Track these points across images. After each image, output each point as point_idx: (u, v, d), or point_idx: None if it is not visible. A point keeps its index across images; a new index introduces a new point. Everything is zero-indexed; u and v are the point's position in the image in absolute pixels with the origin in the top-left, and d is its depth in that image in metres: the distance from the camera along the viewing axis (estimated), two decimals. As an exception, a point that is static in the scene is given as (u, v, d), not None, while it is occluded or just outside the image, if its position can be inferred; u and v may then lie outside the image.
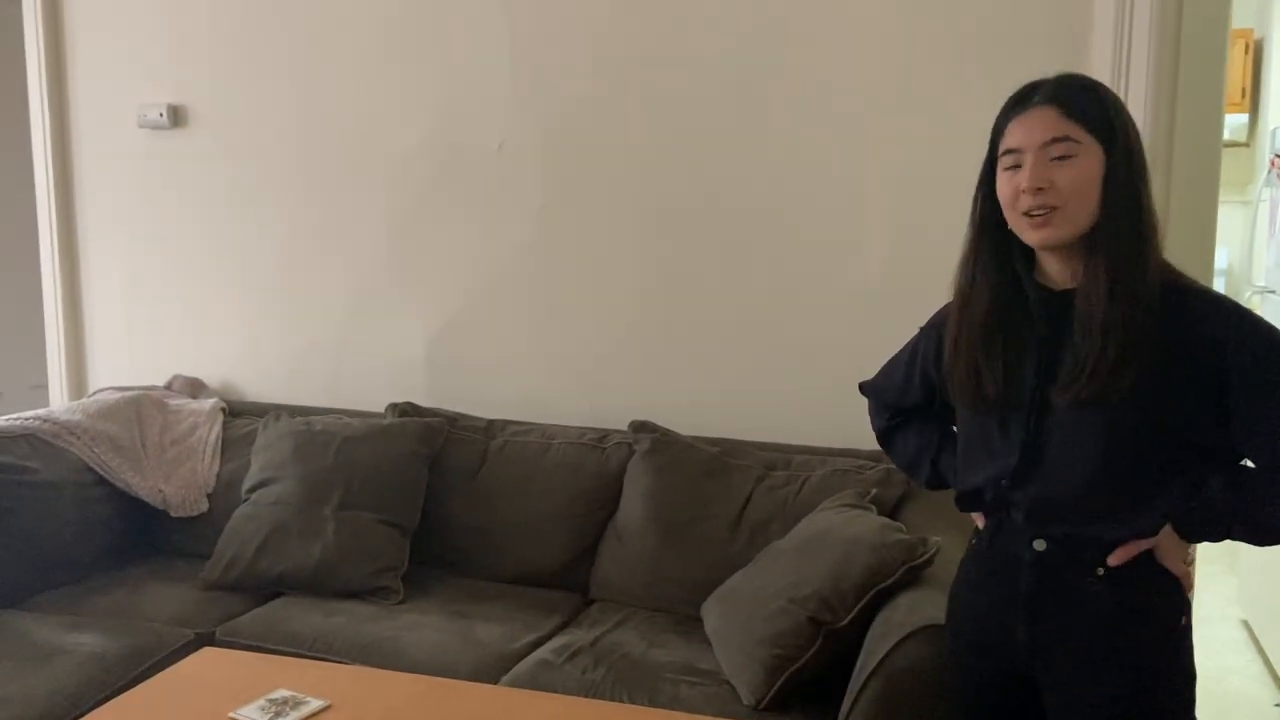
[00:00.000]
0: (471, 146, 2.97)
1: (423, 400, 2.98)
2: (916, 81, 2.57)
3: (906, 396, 1.70)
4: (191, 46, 3.19)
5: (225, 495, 2.86)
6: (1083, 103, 1.36)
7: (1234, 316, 1.37)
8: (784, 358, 2.76)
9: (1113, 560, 1.39)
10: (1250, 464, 1.40)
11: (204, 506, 2.88)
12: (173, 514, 2.86)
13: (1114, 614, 1.40)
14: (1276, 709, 3.00)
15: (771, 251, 2.74)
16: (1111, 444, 1.37)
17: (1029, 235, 1.40)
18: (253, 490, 2.76)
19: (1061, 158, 1.35)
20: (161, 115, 3.20)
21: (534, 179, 2.93)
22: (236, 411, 3.08)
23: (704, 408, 2.79)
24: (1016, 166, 1.38)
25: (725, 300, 2.80)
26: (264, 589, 2.61)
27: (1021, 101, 1.40)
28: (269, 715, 1.66)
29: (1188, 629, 1.43)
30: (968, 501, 1.55)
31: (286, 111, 3.13)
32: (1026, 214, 1.37)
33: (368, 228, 3.10)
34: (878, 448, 2.56)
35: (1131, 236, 1.35)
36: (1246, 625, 3.52)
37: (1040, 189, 1.35)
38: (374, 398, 3.01)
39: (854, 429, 2.63)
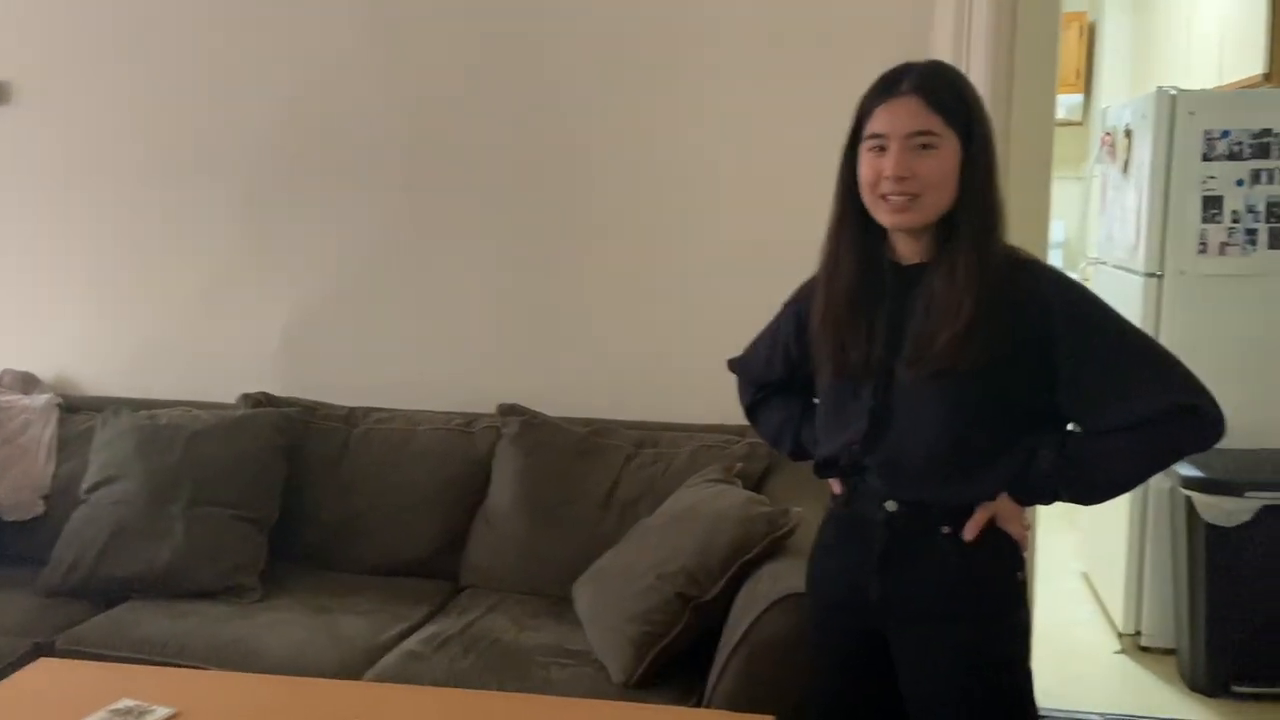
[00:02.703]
0: (328, 127, 2.86)
1: (279, 390, 2.87)
2: (765, 61, 2.61)
3: (770, 372, 1.74)
4: (16, 16, 2.97)
5: (63, 497, 2.69)
6: (946, 96, 1.43)
7: (1062, 289, 1.45)
8: (651, 336, 2.77)
9: (968, 535, 1.47)
10: (1076, 428, 1.50)
11: (39, 509, 2.71)
12: (5, 518, 2.69)
13: (957, 571, 1.49)
14: (1116, 656, 3.21)
15: (635, 232, 2.75)
16: (953, 414, 1.45)
17: (884, 217, 1.46)
18: (92, 490, 2.61)
19: (924, 148, 1.41)
20: (-18, 90, 2.98)
21: (394, 160, 2.85)
22: (73, 407, 2.90)
23: (572, 388, 2.78)
24: (881, 149, 1.43)
25: (591, 281, 2.79)
26: (108, 594, 2.47)
27: (888, 89, 1.44)
28: (113, 727, 1.57)
29: (1023, 584, 1.53)
30: (825, 468, 1.61)
31: (127, 88, 2.96)
32: (884, 197, 1.44)
33: (218, 210, 2.96)
34: (743, 423, 2.61)
35: (983, 223, 1.43)
36: (1086, 578, 3.75)
37: (903, 177, 1.41)
38: (226, 389, 2.87)
39: (720, 405, 2.66)
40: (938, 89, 1.43)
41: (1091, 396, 1.44)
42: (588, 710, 1.64)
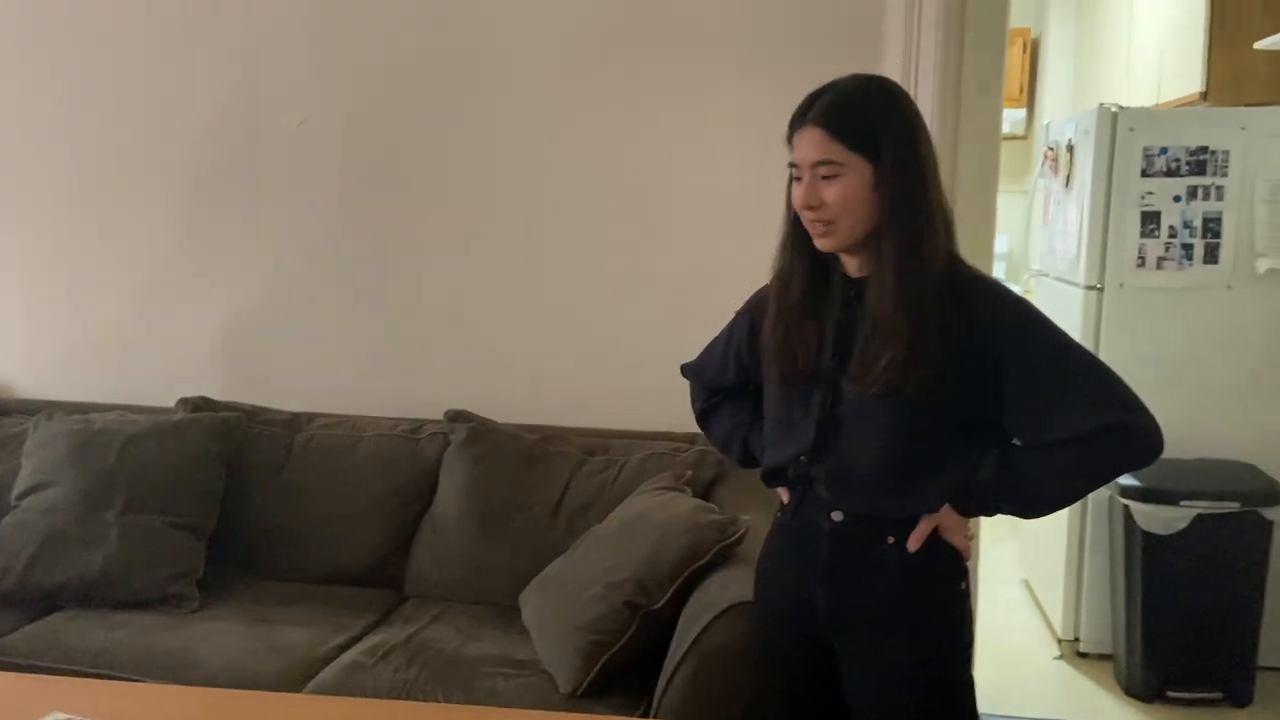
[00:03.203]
0: (269, 123, 2.82)
1: (219, 394, 2.81)
2: (718, 75, 2.62)
3: (723, 377, 1.75)
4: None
5: (-9, 504, 2.60)
6: (847, 123, 1.42)
7: (1005, 305, 1.47)
8: (601, 343, 2.76)
9: (911, 545, 1.49)
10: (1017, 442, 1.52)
11: (-34, 517, 2.61)
12: (-72, 526, 2.59)
13: (901, 582, 1.50)
14: (1055, 662, 3.26)
15: (585, 239, 2.74)
16: (898, 430, 1.47)
17: (815, 241, 1.49)
18: (23, 496, 2.53)
19: (828, 177, 1.43)
20: (-95, 82, 2.88)
21: (338, 158, 2.81)
22: (4, 410, 2.82)
23: (522, 395, 2.76)
24: (798, 179, 1.47)
25: (541, 286, 2.77)
26: (38, 603, 2.39)
27: (796, 119, 1.47)
28: (41, 743, 1.52)
29: (967, 594, 1.55)
30: (772, 477, 1.62)
31: (60, 86, 2.88)
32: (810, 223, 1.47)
33: (156, 210, 2.89)
34: (693, 430, 2.61)
35: (906, 240, 1.42)
36: (1027, 585, 3.81)
37: (812, 206, 1.44)
38: (164, 393, 2.80)
39: (670, 413, 2.66)
40: (841, 116, 1.42)
41: (1031, 413, 1.45)
42: (534, 721, 1.62)
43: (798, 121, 1.46)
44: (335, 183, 2.82)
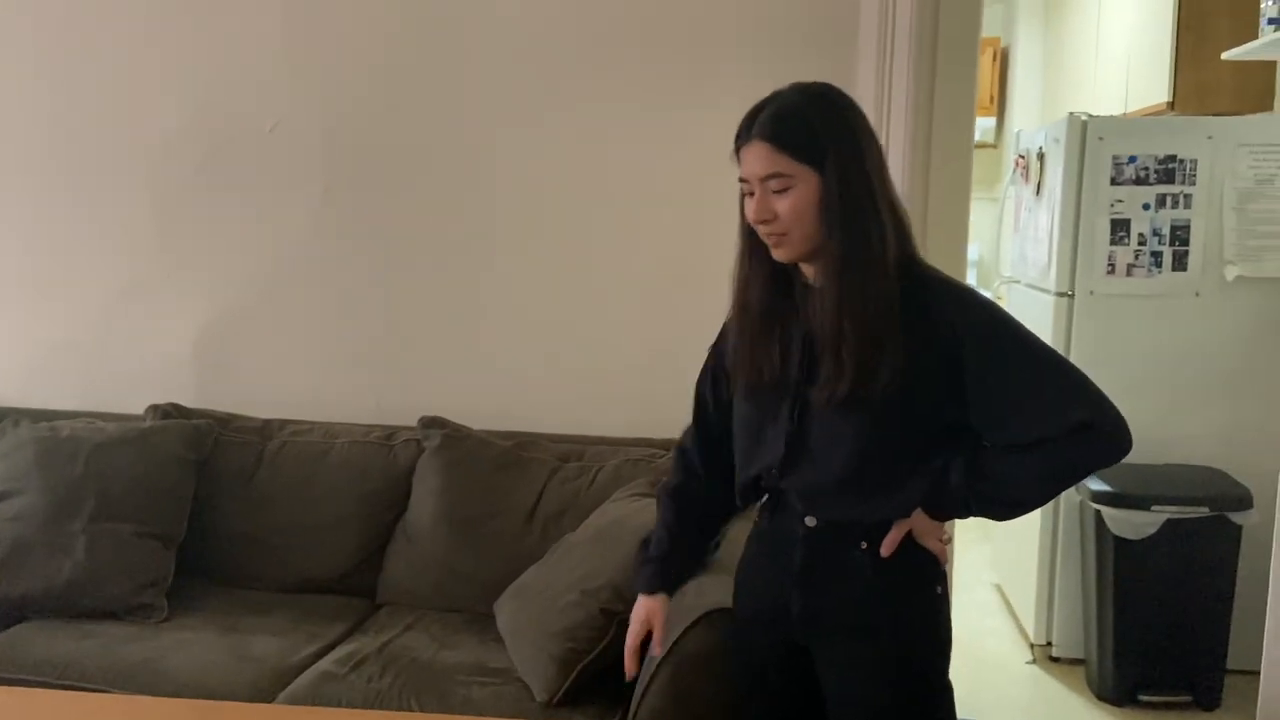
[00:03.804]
0: (242, 127, 2.79)
1: (190, 401, 2.78)
2: (694, 79, 2.61)
3: (710, 421, 1.70)
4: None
5: (-46, 512, 2.55)
6: (791, 134, 1.41)
7: (965, 303, 1.46)
8: (575, 349, 2.75)
9: (884, 551, 1.48)
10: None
11: (-72, 526, 2.56)
12: (-111, 536, 2.53)
13: (875, 586, 1.50)
14: (1027, 666, 3.28)
15: (560, 245, 2.73)
16: (865, 438, 1.46)
17: (772, 253, 1.48)
18: (-12, 505, 2.48)
19: (779, 191, 1.42)
20: None
21: (311, 163, 2.78)
22: (-33, 418, 2.76)
23: (496, 401, 2.75)
24: (750, 194, 1.46)
25: (515, 292, 2.76)
26: (3, 614, 2.35)
27: (743, 132, 1.46)
28: (5, 757, 1.49)
29: (943, 598, 1.55)
30: (747, 493, 1.61)
31: (31, 89, 2.84)
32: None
33: (127, 214, 2.85)
34: (668, 435, 2.62)
35: (849, 248, 1.41)
36: (999, 589, 3.83)
37: (765, 220, 1.44)
38: (133, 399, 2.77)
39: (645, 418, 2.67)
40: (784, 127, 1.41)
41: (995, 413, 1.45)
42: (510, 730, 1.61)
43: (743, 136, 1.45)
44: (308, 188, 2.79)
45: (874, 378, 1.40)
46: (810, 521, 1.52)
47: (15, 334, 2.91)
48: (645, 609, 1.70)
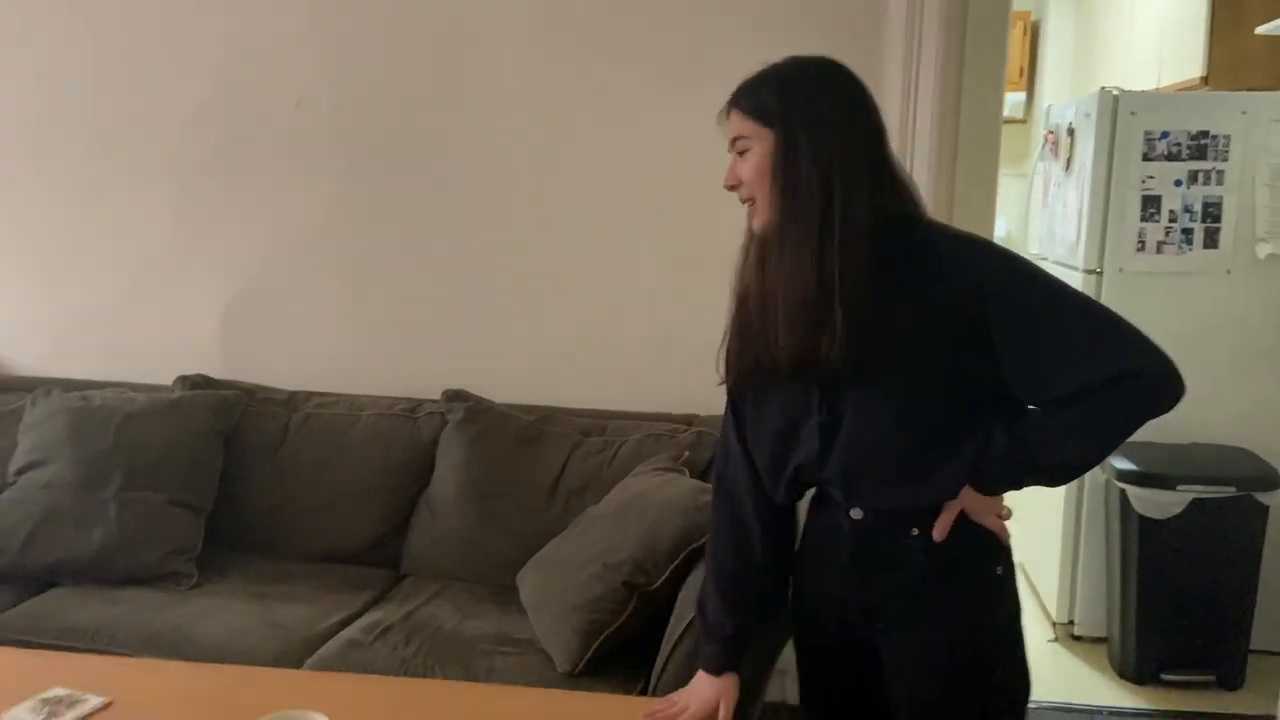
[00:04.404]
0: (267, 102, 2.80)
1: (217, 372, 2.81)
2: (714, 58, 2.56)
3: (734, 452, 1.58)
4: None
5: (-12, 481, 2.60)
6: (753, 98, 1.40)
7: (982, 255, 1.39)
8: (599, 324, 2.76)
9: (937, 535, 1.40)
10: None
11: (-37, 493, 2.61)
12: (-75, 502, 2.58)
13: (929, 571, 1.43)
14: (1049, 644, 3.27)
15: (584, 219, 2.73)
16: (897, 418, 1.39)
17: (751, 223, 1.45)
18: (21, 473, 2.53)
19: (742, 153, 1.42)
20: (-100, 56, 2.85)
21: (336, 137, 2.79)
22: (1, 387, 2.80)
23: (519, 375, 2.76)
24: None
25: (538, 266, 2.76)
26: (36, 580, 2.39)
27: (726, 106, 1.46)
28: (41, 716, 1.52)
29: (1005, 577, 1.47)
30: (790, 490, 1.52)
31: (63, 62, 2.86)
32: None
33: (154, 185, 2.87)
34: (691, 411, 2.64)
35: (790, 209, 1.36)
36: (1021, 568, 3.80)
37: (732, 186, 1.44)
38: (161, 370, 2.80)
39: (667, 394, 2.67)
40: (749, 92, 1.41)
41: (1028, 370, 1.35)
42: (533, 698, 1.63)
43: (725, 108, 1.45)
44: (333, 162, 2.80)
45: (814, 346, 1.34)
46: (856, 514, 1.45)
47: (47, 306, 2.95)
48: (715, 690, 1.56)
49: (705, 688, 1.57)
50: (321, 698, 1.54)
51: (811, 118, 1.37)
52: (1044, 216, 3.77)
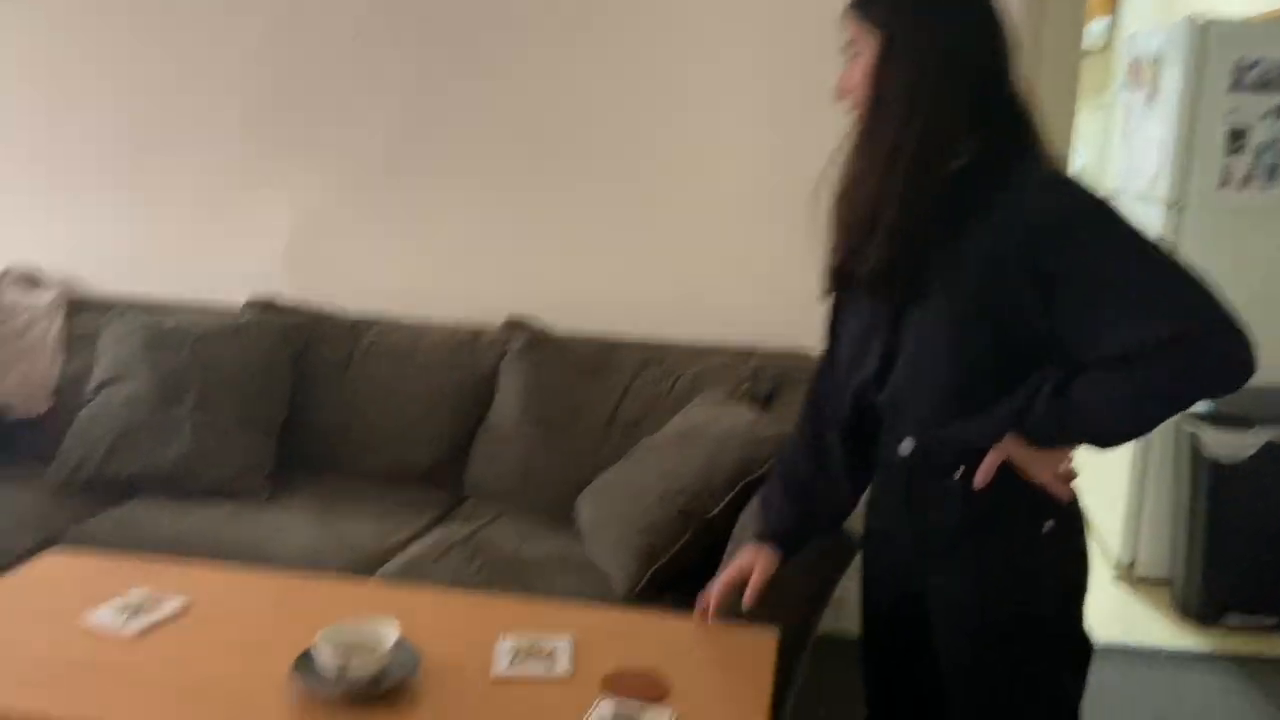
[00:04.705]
0: (328, 31, 2.79)
1: (283, 294, 2.85)
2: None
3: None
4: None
5: (69, 395, 2.70)
6: (867, 1, 1.35)
7: (1060, 199, 1.27)
8: (661, 253, 2.74)
9: (977, 480, 1.34)
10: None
11: (47, 407, 2.71)
12: (12, 415, 2.69)
13: (965, 519, 1.38)
14: (1111, 585, 3.24)
15: (648, 147, 2.70)
16: (949, 348, 1.34)
17: None
18: (99, 389, 2.61)
19: (852, 59, 1.36)
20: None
21: (398, 66, 2.78)
22: (77, 307, 2.88)
23: (580, 303, 2.76)
24: None
25: (601, 197, 2.75)
26: (116, 491, 2.48)
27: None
28: (125, 616, 1.59)
29: (1057, 536, 1.36)
30: (854, 407, 1.51)
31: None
32: None
33: (222, 113, 2.90)
34: (752, 343, 2.62)
35: (884, 124, 1.31)
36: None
37: (843, 94, 1.37)
38: (230, 293, 2.86)
39: (728, 325, 2.66)
40: None
41: (1082, 321, 1.24)
42: (596, 615, 1.66)
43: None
44: (396, 89, 2.79)
45: (915, 275, 1.31)
46: (906, 448, 1.41)
47: (120, 231, 3.01)
48: (752, 555, 1.58)
49: (745, 553, 1.60)
50: (392, 607, 1.59)
51: (920, 25, 1.31)
52: (1124, 149, 3.64)
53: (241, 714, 1.35)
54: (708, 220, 2.69)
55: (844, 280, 1.45)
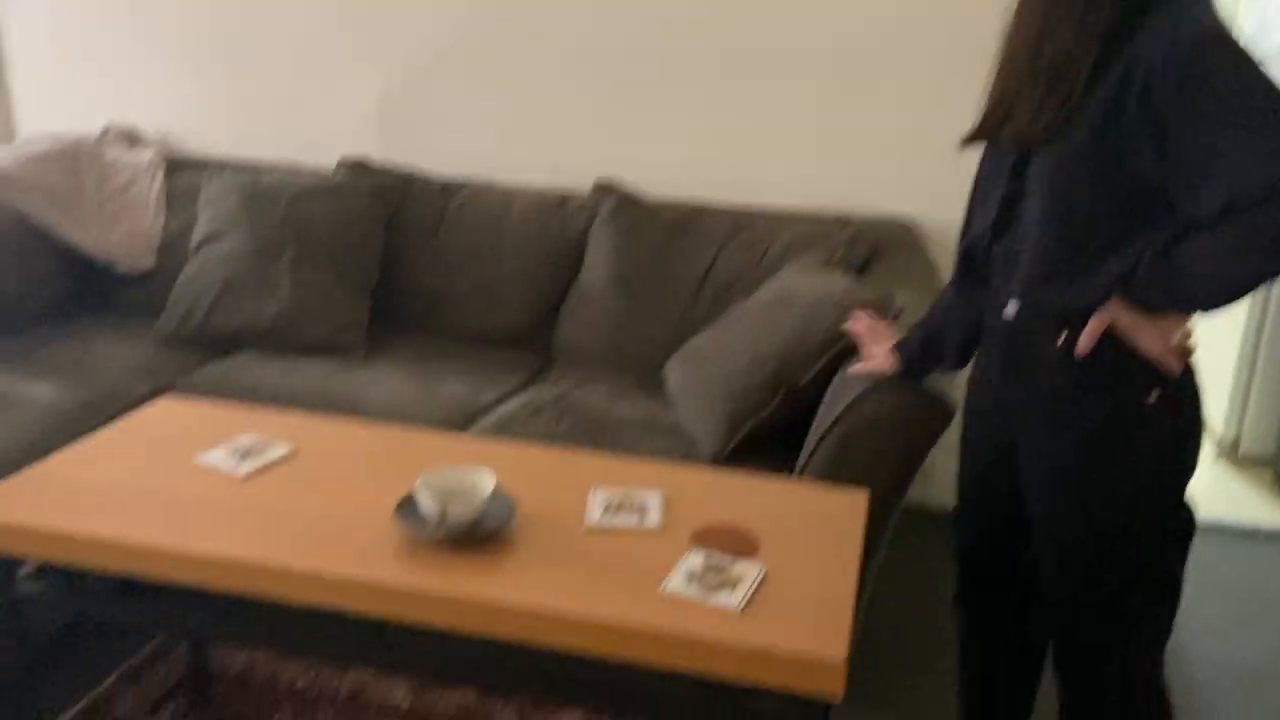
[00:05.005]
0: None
1: (374, 155, 2.85)
2: None
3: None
4: None
5: (171, 251, 2.77)
6: None
7: (1178, 38, 1.19)
8: (752, 117, 2.66)
9: (1080, 346, 1.31)
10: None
11: (151, 262, 2.79)
12: (118, 269, 2.78)
13: (1065, 385, 1.36)
14: (1212, 462, 3.15)
15: (737, 12, 2.58)
16: (1060, 196, 1.30)
17: None
18: (201, 245, 2.67)
19: None
20: None
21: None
22: (175, 165, 2.93)
23: (670, 168, 2.71)
24: None
25: (692, 57, 2.65)
26: (220, 344, 2.57)
27: None
28: (236, 458, 1.66)
29: (1161, 410, 1.32)
30: (964, 260, 1.50)
31: None
32: None
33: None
34: (845, 211, 2.54)
35: None
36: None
37: None
38: (322, 152, 2.87)
39: (822, 193, 2.58)
40: None
41: (1189, 169, 1.19)
42: (687, 474, 1.67)
43: None
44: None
45: (1008, 112, 1.31)
46: (1010, 310, 1.39)
47: (216, 91, 3.02)
48: (882, 332, 1.81)
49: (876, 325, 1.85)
50: (487, 459, 1.63)
51: None
52: (1256, 3, 3.35)
53: (348, 552, 1.41)
54: (797, 85, 2.59)
55: (989, 130, 1.39)
